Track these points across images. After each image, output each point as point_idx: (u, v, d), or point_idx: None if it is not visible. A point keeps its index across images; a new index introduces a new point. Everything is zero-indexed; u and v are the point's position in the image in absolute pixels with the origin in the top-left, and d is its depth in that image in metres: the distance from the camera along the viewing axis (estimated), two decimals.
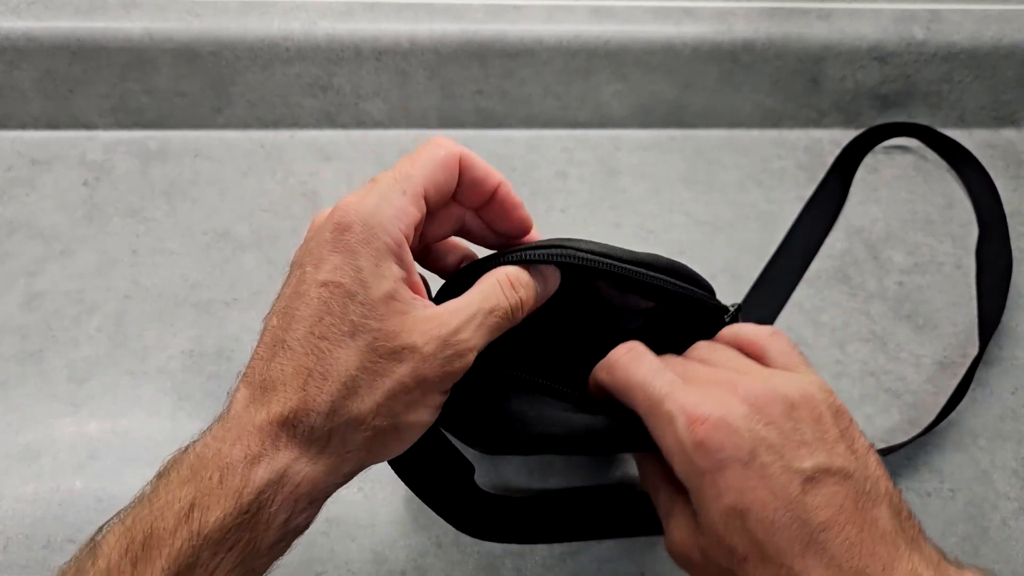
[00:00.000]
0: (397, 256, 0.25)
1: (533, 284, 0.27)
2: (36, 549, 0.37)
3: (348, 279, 0.24)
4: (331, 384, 0.23)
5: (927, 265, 0.48)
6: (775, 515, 0.23)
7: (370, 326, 0.24)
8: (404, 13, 0.50)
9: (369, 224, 0.24)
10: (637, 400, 0.27)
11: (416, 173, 0.26)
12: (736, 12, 0.51)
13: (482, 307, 0.26)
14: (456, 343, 0.25)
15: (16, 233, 0.47)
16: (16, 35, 0.48)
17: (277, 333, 0.24)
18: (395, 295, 0.24)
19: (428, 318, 0.25)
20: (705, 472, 0.24)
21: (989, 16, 0.52)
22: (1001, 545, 0.39)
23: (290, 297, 0.25)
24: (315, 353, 0.23)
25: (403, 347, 0.24)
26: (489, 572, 0.37)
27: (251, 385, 0.24)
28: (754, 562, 0.24)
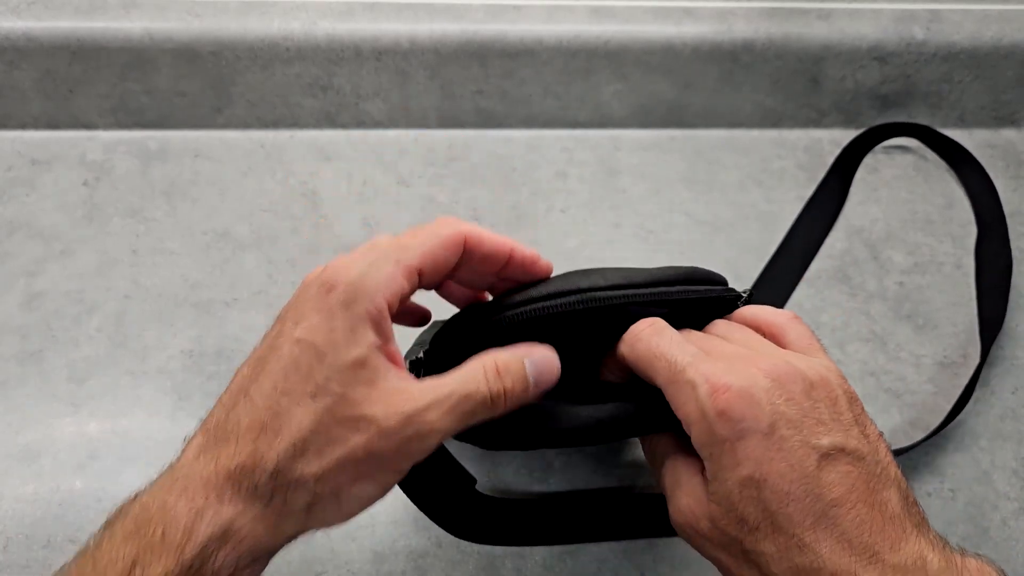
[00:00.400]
0: (376, 324, 0.24)
1: (524, 377, 0.26)
2: (36, 549, 0.37)
3: (321, 339, 0.24)
4: (281, 442, 0.23)
5: (927, 265, 0.48)
6: (790, 487, 0.24)
7: (332, 390, 0.23)
8: (404, 13, 0.50)
9: (353, 288, 0.24)
10: (658, 370, 0.27)
11: (415, 246, 0.26)
12: (736, 12, 0.51)
13: (457, 390, 0.24)
14: (420, 423, 0.24)
15: (16, 233, 0.47)
16: (16, 35, 0.48)
17: (244, 383, 0.24)
18: (365, 363, 0.24)
19: (396, 391, 0.24)
20: (725, 440, 0.24)
21: (989, 16, 0.52)
22: (1001, 545, 0.39)
23: (266, 349, 0.25)
24: (274, 408, 0.23)
25: (362, 417, 0.23)
26: (489, 572, 0.37)
27: (207, 433, 0.24)
28: (765, 532, 0.24)
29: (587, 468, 0.41)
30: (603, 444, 0.37)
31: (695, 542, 0.27)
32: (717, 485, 0.25)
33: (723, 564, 0.26)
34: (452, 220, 0.27)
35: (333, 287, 0.24)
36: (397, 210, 0.49)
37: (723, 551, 0.26)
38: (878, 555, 0.23)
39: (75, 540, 0.37)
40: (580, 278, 0.29)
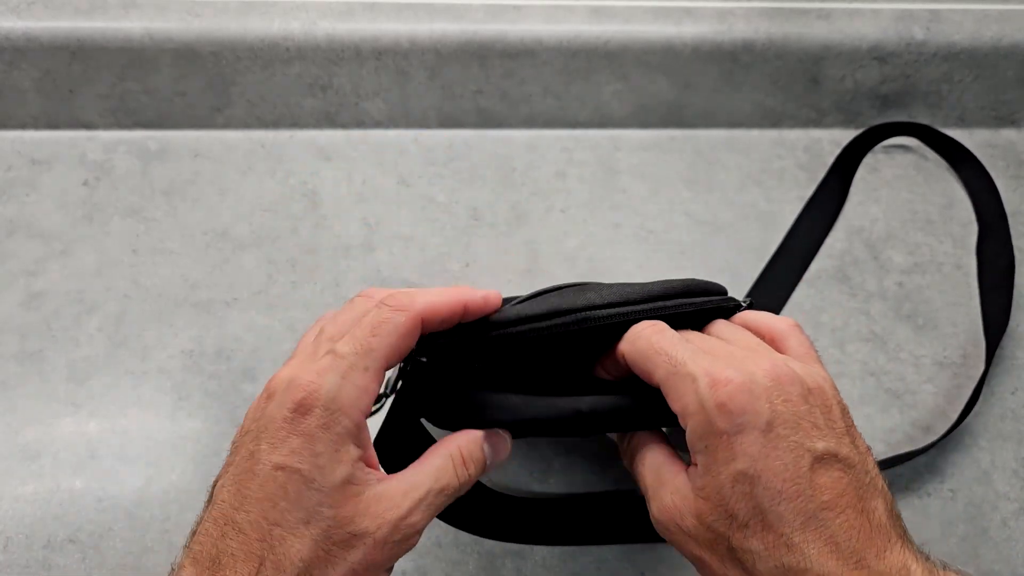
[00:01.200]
0: (355, 438, 0.25)
1: (483, 460, 0.28)
2: (36, 549, 0.37)
3: (306, 465, 0.24)
4: (284, 575, 0.23)
5: (927, 265, 0.48)
6: (784, 486, 0.24)
7: (324, 514, 0.24)
8: (404, 13, 0.50)
9: (330, 409, 0.24)
10: (658, 364, 0.27)
11: (377, 346, 0.25)
12: (736, 12, 0.51)
13: (432, 487, 0.26)
14: (406, 527, 0.25)
15: (16, 233, 0.47)
16: (16, 35, 0.48)
17: (228, 511, 0.24)
18: (351, 479, 0.24)
19: (380, 497, 0.25)
20: (723, 433, 0.25)
21: (989, 16, 0.52)
22: (1001, 545, 0.39)
23: (244, 473, 0.25)
24: (267, 540, 0.23)
25: (355, 534, 0.24)
26: (489, 572, 0.37)
27: (198, 564, 0.24)
28: (754, 529, 0.24)
29: (586, 469, 0.41)
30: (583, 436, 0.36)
31: (677, 540, 0.27)
32: (709, 479, 0.25)
33: (706, 563, 0.26)
34: (404, 298, 0.27)
35: (309, 409, 0.24)
36: (397, 210, 0.49)
37: (707, 549, 0.26)
38: (864, 561, 0.23)
39: (75, 540, 0.37)
40: (576, 296, 0.29)
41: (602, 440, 0.41)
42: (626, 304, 0.29)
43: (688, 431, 0.26)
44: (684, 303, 0.30)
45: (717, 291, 0.32)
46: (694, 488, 0.26)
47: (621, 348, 0.29)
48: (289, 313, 0.45)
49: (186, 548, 0.25)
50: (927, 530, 0.39)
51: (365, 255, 0.47)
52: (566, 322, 0.28)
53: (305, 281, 0.46)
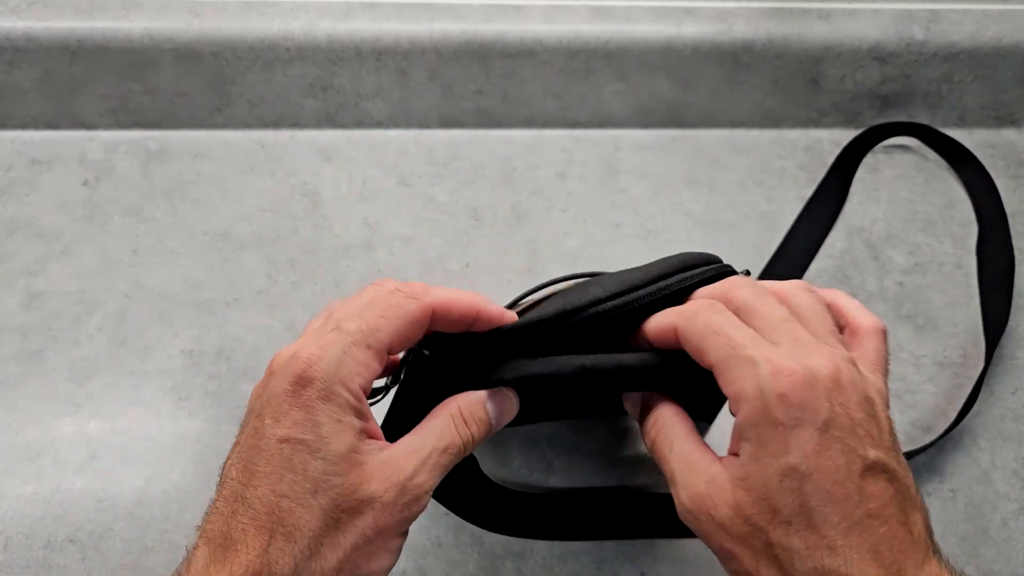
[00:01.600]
0: (356, 410, 0.25)
1: (486, 419, 0.28)
2: (36, 549, 0.37)
3: (310, 436, 0.24)
4: (295, 546, 0.23)
5: (927, 265, 0.48)
6: (834, 488, 0.23)
7: (332, 483, 0.24)
8: (404, 13, 0.50)
9: (330, 381, 0.24)
10: (715, 345, 0.26)
11: (384, 328, 0.26)
12: (736, 12, 0.51)
13: (436, 446, 0.26)
14: (413, 487, 0.25)
15: (16, 233, 0.47)
16: (16, 35, 0.48)
17: (237, 488, 0.24)
18: (355, 448, 0.25)
19: (384, 463, 0.25)
20: (779, 424, 0.24)
21: (989, 16, 0.52)
22: (1001, 545, 0.39)
23: (250, 450, 0.25)
24: (276, 513, 0.23)
25: (364, 499, 0.24)
26: (489, 572, 0.37)
27: (211, 543, 0.24)
28: (797, 527, 0.24)
29: (586, 468, 0.41)
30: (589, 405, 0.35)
31: (706, 530, 0.26)
32: (755, 468, 0.24)
33: (735, 556, 0.25)
34: (419, 288, 0.27)
35: (309, 381, 0.25)
36: (397, 210, 0.49)
37: (739, 542, 0.25)
38: (904, 572, 0.23)
39: (75, 540, 0.37)
40: (579, 294, 0.29)
41: (602, 440, 0.41)
42: (631, 291, 0.29)
43: (740, 417, 0.25)
44: (685, 277, 0.30)
45: (714, 260, 0.32)
46: (734, 477, 0.25)
47: (675, 320, 0.28)
48: (289, 313, 0.45)
49: (199, 529, 0.25)
50: None
51: (365, 255, 0.47)
52: (576, 322, 0.28)
53: (305, 281, 0.46)
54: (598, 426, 0.42)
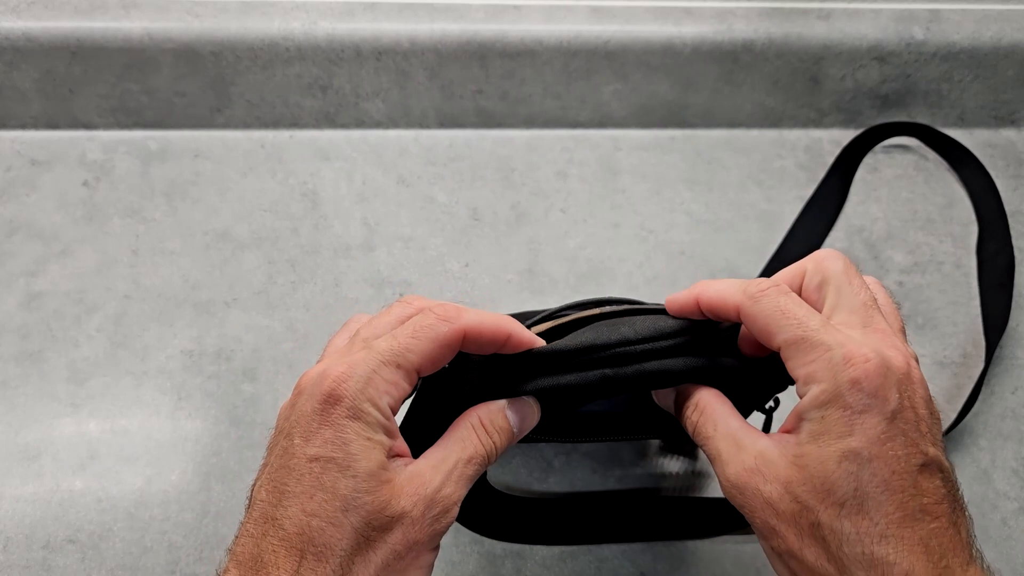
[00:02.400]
0: (385, 428, 0.25)
1: (508, 428, 0.28)
2: (36, 549, 0.37)
3: (340, 454, 0.24)
4: (326, 565, 0.23)
5: (927, 265, 0.48)
6: (892, 477, 0.23)
7: (362, 500, 0.24)
8: (404, 13, 0.50)
9: (359, 399, 0.24)
10: (785, 326, 0.26)
11: (415, 349, 0.25)
12: (736, 12, 0.51)
13: (460, 457, 0.26)
14: (441, 499, 0.25)
15: (16, 233, 0.47)
16: (16, 35, 0.48)
17: (267, 509, 0.24)
18: (384, 466, 0.24)
19: (411, 478, 0.25)
20: (847, 408, 0.24)
21: (989, 16, 0.52)
22: (1001, 544, 0.39)
23: (279, 470, 0.25)
24: (307, 534, 0.23)
25: (393, 516, 0.24)
26: (489, 572, 0.37)
27: (241, 565, 0.24)
28: (848, 511, 0.24)
29: (585, 467, 0.41)
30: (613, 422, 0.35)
31: (752, 505, 0.26)
32: (813, 448, 0.24)
33: (779, 534, 0.25)
34: (451, 310, 0.26)
35: (338, 400, 0.24)
36: (397, 210, 0.49)
37: (786, 520, 0.25)
38: (950, 570, 0.23)
39: (74, 540, 0.37)
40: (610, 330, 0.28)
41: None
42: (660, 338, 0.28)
43: (807, 398, 0.25)
44: (716, 330, 0.30)
45: None
46: (788, 455, 0.25)
47: (739, 301, 0.27)
48: (289, 313, 0.45)
49: (229, 551, 0.25)
50: None
51: (365, 255, 0.47)
52: (601, 357, 0.28)
53: (305, 281, 0.46)
54: None
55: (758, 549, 0.38)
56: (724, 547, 0.38)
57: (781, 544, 0.25)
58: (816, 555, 0.24)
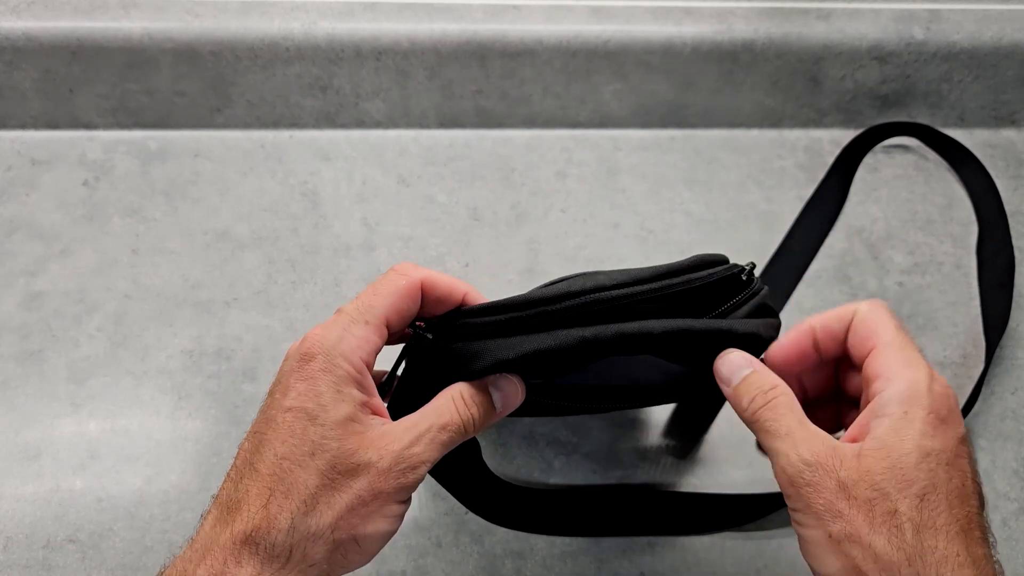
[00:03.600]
0: (358, 383, 0.27)
1: (488, 402, 0.29)
2: (36, 548, 0.37)
3: (310, 404, 0.26)
4: (292, 502, 0.25)
5: (927, 265, 0.48)
6: (962, 488, 0.26)
7: (329, 446, 0.26)
8: (404, 13, 0.50)
9: (331, 355, 0.27)
10: (894, 332, 0.29)
11: (378, 304, 0.28)
12: (736, 12, 0.51)
13: (435, 423, 0.27)
14: (409, 456, 0.26)
15: (16, 233, 0.47)
16: (16, 35, 0.48)
17: (247, 456, 0.27)
18: (354, 417, 0.26)
19: (383, 435, 0.27)
20: (931, 413, 0.26)
21: (989, 16, 0.52)
22: (1001, 545, 0.39)
23: (260, 423, 0.27)
24: (278, 474, 0.25)
25: (360, 464, 0.26)
26: (489, 572, 0.37)
27: (220, 507, 0.26)
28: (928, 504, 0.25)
29: (586, 467, 0.41)
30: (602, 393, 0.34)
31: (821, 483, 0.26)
32: (895, 440, 0.26)
33: (845, 518, 0.25)
34: (408, 267, 0.29)
35: (312, 357, 0.27)
36: (397, 210, 0.49)
37: (857, 506, 0.25)
38: None
39: (74, 540, 0.37)
40: (585, 280, 0.29)
41: (601, 440, 0.41)
42: (636, 284, 0.29)
43: (893, 394, 0.27)
44: (692, 278, 0.30)
45: (722, 262, 0.32)
46: (866, 446, 0.26)
47: (859, 303, 0.30)
48: (289, 313, 0.45)
49: (213, 497, 0.27)
50: None
51: (365, 255, 0.47)
52: (575, 304, 0.28)
53: (305, 281, 0.46)
54: (597, 427, 0.42)
55: (758, 549, 0.38)
56: (724, 547, 0.38)
57: (845, 528, 0.25)
58: (887, 542, 0.25)
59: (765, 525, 0.39)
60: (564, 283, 0.29)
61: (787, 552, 0.38)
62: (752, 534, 0.39)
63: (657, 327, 0.28)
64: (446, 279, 0.30)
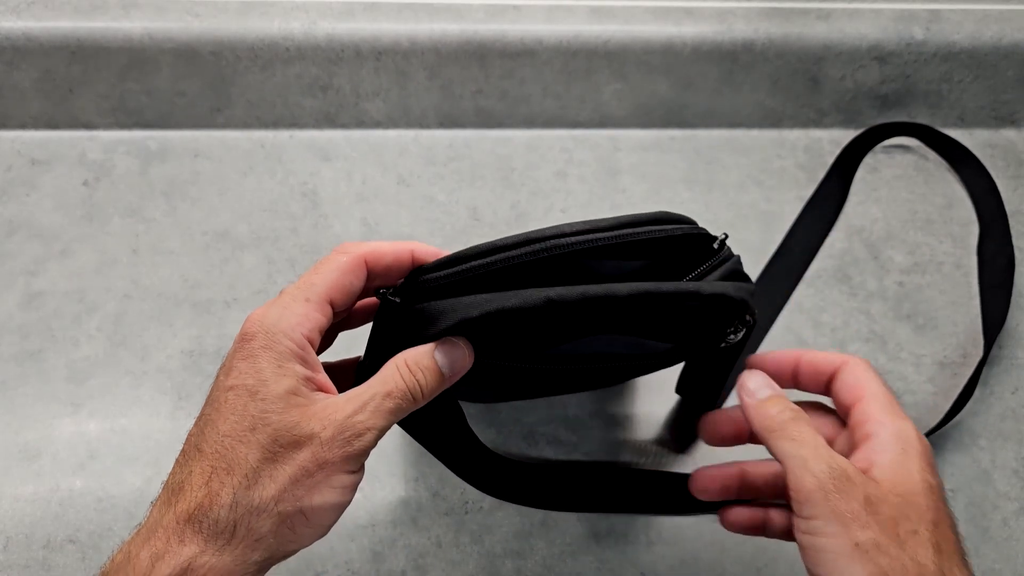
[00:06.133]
0: (300, 358, 0.27)
1: (435, 367, 0.28)
2: (36, 548, 0.37)
3: (250, 380, 0.26)
4: (233, 477, 0.25)
5: (927, 265, 0.48)
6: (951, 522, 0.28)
7: (270, 419, 0.26)
8: (404, 13, 0.50)
9: (271, 332, 0.27)
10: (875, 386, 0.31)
11: (319, 281, 0.28)
12: (736, 12, 0.51)
13: (379, 391, 0.27)
14: (352, 424, 0.26)
15: (16, 233, 0.47)
16: (16, 35, 0.48)
17: (192, 440, 0.27)
18: (296, 391, 0.26)
19: (326, 406, 0.27)
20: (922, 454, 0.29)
21: (989, 16, 0.52)
22: (1001, 545, 0.39)
23: (206, 405, 0.27)
24: (220, 451, 0.26)
25: (302, 435, 0.26)
26: (489, 572, 0.37)
27: (166, 490, 0.26)
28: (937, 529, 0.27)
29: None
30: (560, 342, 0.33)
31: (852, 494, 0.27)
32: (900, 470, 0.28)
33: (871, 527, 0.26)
34: (350, 244, 0.30)
35: (252, 336, 0.27)
36: (397, 210, 0.49)
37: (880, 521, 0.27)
38: None
39: (74, 540, 0.37)
40: (548, 228, 0.29)
41: (601, 440, 0.41)
42: (595, 231, 0.29)
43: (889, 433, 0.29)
44: (654, 230, 0.30)
45: (687, 222, 0.32)
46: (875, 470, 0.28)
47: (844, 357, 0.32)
48: None
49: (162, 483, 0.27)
50: None
51: None
52: (536, 249, 0.28)
53: None
54: (597, 426, 0.42)
55: (758, 549, 0.38)
56: (724, 547, 0.38)
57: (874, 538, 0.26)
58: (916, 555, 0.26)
59: None
60: (525, 233, 0.29)
61: (787, 552, 0.38)
62: None
63: (623, 289, 0.27)
64: (389, 245, 0.30)
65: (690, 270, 0.31)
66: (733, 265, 0.31)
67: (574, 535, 0.38)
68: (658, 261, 0.31)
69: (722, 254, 0.31)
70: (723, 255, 0.31)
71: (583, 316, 0.28)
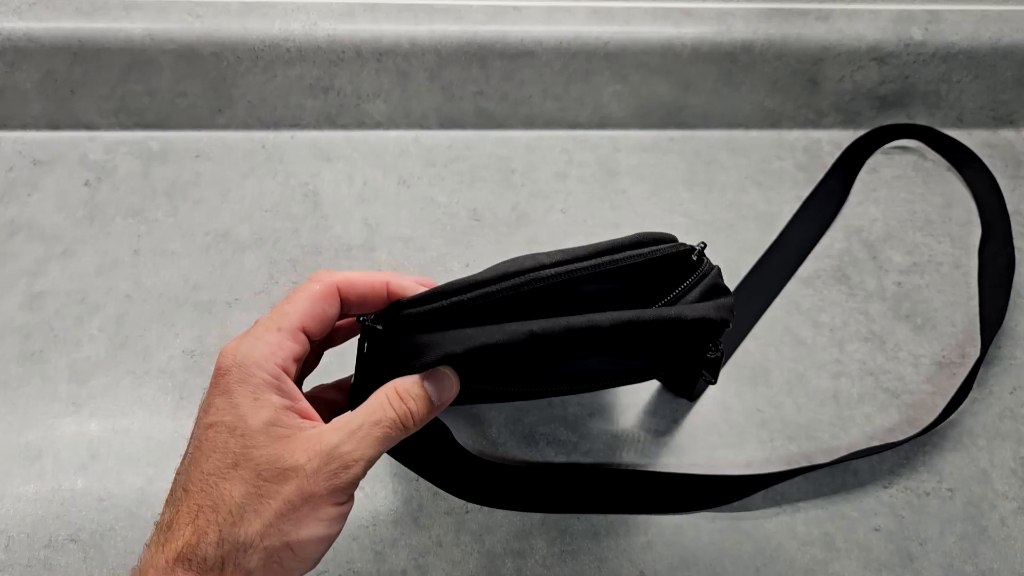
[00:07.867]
0: (276, 388, 0.27)
1: (424, 396, 0.28)
2: (38, 548, 0.37)
3: (228, 417, 0.26)
4: (219, 515, 0.25)
5: (926, 265, 0.48)
6: None
7: (251, 454, 0.25)
8: (404, 14, 0.50)
9: (244, 364, 0.27)
10: None
11: (291, 310, 0.28)
12: (735, 13, 0.51)
13: (367, 420, 0.27)
14: (340, 455, 0.26)
15: (18, 234, 0.47)
16: (17, 36, 0.48)
17: (179, 479, 0.27)
18: (276, 422, 0.26)
19: (311, 436, 0.26)
20: None
21: (988, 16, 0.52)
22: (999, 544, 0.39)
23: (190, 444, 0.27)
24: (206, 490, 0.25)
25: (286, 468, 0.25)
26: (489, 572, 0.38)
27: (158, 529, 0.26)
28: None
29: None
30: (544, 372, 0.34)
31: None
32: None
33: None
34: (324, 273, 0.30)
35: (226, 371, 0.27)
36: (397, 211, 0.49)
37: None
38: None
39: (76, 539, 0.37)
40: (525, 260, 0.29)
41: (600, 439, 0.41)
42: (574, 261, 0.29)
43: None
44: (633, 255, 0.30)
45: (667, 240, 0.32)
46: None
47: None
48: None
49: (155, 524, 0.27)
50: (926, 529, 0.39)
51: (366, 255, 0.47)
52: (516, 284, 0.28)
53: None
54: (597, 426, 0.42)
55: (758, 548, 0.38)
56: (724, 547, 0.39)
57: None
58: None
59: (764, 523, 0.39)
60: (503, 264, 0.29)
61: (786, 551, 0.38)
62: (751, 533, 0.39)
63: (605, 320, 0.28)
64: (363, 275, 0.30)
65: (671, 288, 0.31)
66: (713, 279, 0.31)
67: (574, 535, 0.39)
68: (639, 281, 0.31)
69: (702, 269, 0.31)
70: (703, 270, 0.31)
71: (566, 347, 0.28)
